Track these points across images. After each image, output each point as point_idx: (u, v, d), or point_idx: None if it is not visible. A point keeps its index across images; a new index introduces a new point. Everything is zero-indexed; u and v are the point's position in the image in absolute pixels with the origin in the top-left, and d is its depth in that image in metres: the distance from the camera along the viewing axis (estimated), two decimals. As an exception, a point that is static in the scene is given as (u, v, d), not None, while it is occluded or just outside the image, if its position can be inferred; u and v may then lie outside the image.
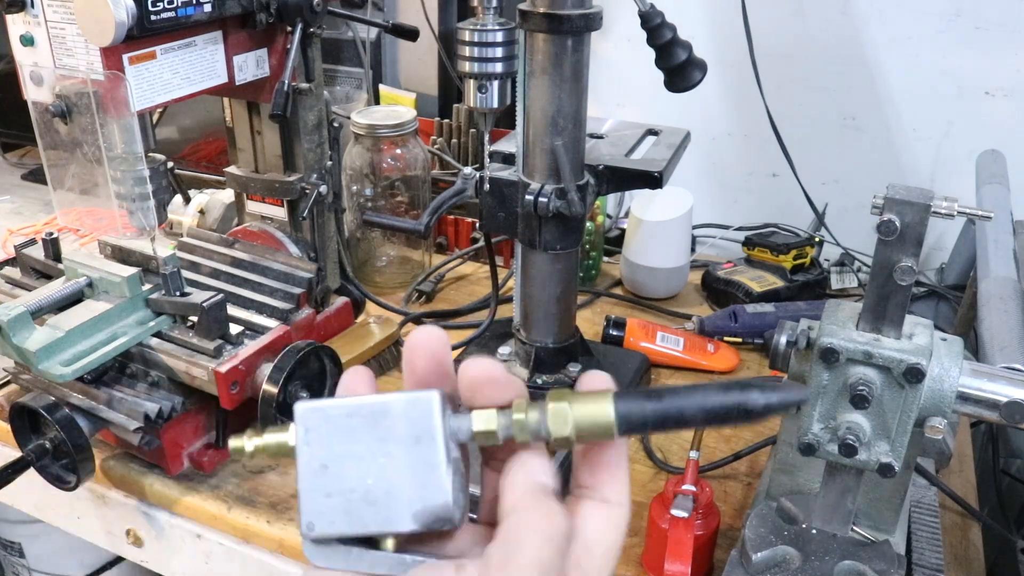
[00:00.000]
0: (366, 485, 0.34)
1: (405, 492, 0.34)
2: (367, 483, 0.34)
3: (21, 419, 0.82)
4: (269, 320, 0.89)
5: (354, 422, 0.35)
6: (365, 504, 0.34)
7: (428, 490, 0.34)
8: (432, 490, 0.34)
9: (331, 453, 0.35)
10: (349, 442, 0.35)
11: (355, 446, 0.34)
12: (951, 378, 0.62)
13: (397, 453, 0.34)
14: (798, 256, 1.29)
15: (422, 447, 0.34)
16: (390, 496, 0.34)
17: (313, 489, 0.35)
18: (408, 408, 0.35)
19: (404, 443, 0.34)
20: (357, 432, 0.35)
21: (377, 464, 0.34)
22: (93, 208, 0.92)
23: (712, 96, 1.47)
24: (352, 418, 0.35)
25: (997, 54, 1.29)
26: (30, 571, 1.45)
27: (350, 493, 0.34)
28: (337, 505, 0.34)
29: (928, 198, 0.58)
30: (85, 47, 0.79)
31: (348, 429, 0.35)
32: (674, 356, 1.10)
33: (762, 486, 0.80)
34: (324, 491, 0.34)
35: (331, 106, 1.05)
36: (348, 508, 0.34)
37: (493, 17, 0.80)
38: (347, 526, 0.34)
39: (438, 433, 0.34)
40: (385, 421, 0.34)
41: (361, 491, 0.34)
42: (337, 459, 0.35)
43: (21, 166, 1.78)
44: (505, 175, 0.91)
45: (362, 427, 0.35)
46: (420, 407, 0.35)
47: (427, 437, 0.34)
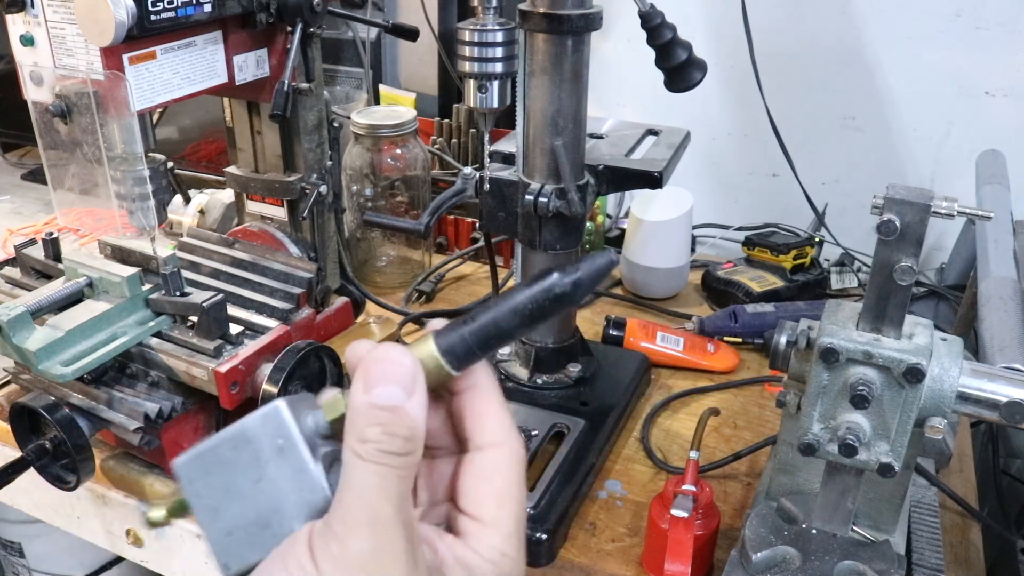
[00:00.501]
0: (257, 511, 0.35)
1: (289, 503, 0.35)
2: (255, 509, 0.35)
3: (21, 419, 0.82)
4: (269, 320, 0.89)
5: (223, 457, 0.35)
6: (261, 529, 0.35)
7: (306, 493, 0.35)
8: (309, 492, 0.35)
9: (216, 494, 0.35)
10: (226, 478, 0.35)
11: (232, 480, 0.35)
12: (951, 378, 0.62)
13: (269, 471, 0.35)
14: (798, 256, 1.29)
15: (287, 456, 0.35)
16: (279, 513, 0.35)
17: (215, 533, 0.36)
18: (262, 426, 0.35)
19: (271, 459, 0.35)
20: (229, 466, 0.35)
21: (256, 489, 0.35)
22: (93, 208, 0.92)
23: (712, 96, 1.47)
24: (219, 454, 0.36)
25: (997, 54, 1.29)
26: (30, 571, 1.45)
27: (246, 525, 0.35)
28: (240, 539, 0.35)
29: (928, 198, 0.58)
30: (85, 47, 0.79)
31: (221, 466, 0.35)
32: (674, 356, 1.10)
33: (762, 486, 0.80)
34: (224, 531, 0.35)
35: (331, 106, 1.05)
36: (249, 539, 0.35)
37: (493, 17, 0.80)
38: (256, 554, 0.35)
39: (296, 438, 0.35)
40: (248, 446, 0.35)
41: (253, 518, 0.35)
42: (222, 498, 0.35)
43: (21, 166, 1.78)
44: (505, 175, 0.91)
45: (231, 459, 0.35)
46: (272, 420, 0.35)
47: (288, 445, 0.35)
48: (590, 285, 0.35)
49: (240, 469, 0.35)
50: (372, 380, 0.34)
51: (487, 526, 0.37)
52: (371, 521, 0.33)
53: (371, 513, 0.33)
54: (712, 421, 0.98)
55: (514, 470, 0.38)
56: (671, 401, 1.04)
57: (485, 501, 0.38)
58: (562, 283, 0.35)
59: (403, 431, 0.34)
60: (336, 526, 0.33)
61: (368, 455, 0.33)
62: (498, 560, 0.37)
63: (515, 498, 0.38)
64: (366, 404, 0.34)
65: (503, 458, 0.38)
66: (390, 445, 0.34)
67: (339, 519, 0.33)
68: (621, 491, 0.90)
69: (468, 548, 0.37)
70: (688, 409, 1.03)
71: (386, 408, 0.34)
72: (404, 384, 0.35)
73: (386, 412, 0.34)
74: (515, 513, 0.38)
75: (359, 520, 0.33)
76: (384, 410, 0.34)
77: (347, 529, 0.33)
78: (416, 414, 0.35)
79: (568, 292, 0.35)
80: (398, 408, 0.34)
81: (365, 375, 0.35)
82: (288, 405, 0.36)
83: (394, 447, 0.34)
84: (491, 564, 0.37)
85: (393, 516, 0.33)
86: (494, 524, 0.37)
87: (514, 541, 0.37)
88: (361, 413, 0.34)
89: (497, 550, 0.37)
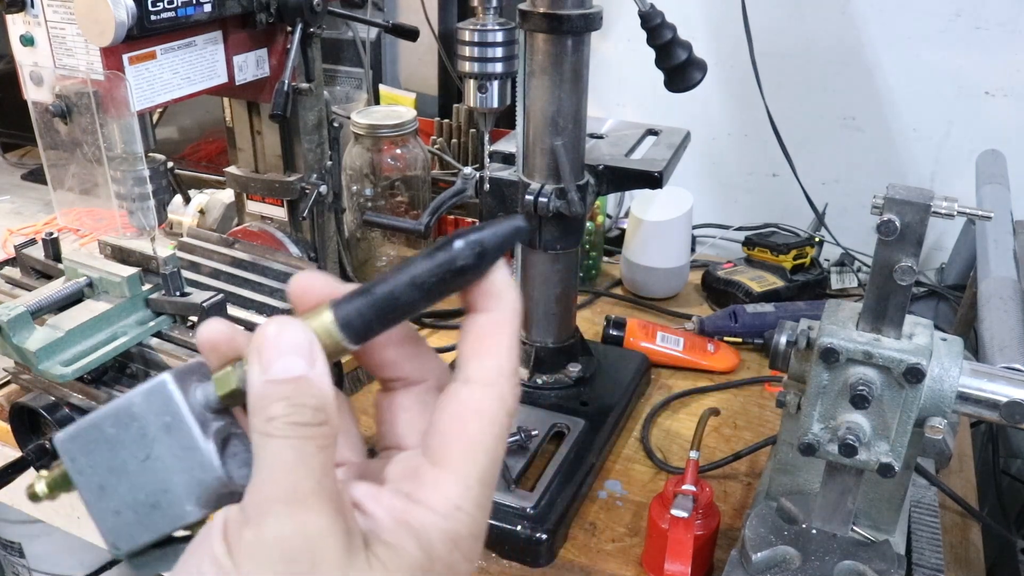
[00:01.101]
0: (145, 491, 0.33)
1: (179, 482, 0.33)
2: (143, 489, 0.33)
3: (21, 419, 0.82)
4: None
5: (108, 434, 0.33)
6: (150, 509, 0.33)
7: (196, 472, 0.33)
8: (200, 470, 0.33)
9: (101, 473, 0.34)
10: (111, 455, 0.33)
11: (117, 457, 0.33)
12: (951, 378, 0.62)
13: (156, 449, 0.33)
14: (798, 256, 1.29)
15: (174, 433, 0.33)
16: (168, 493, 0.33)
17: (102, 512, 0.34)
18: (147, 402, 0.33)
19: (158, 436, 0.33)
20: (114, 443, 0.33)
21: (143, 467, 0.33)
22: (93, 208, 0.92)
23: (712, 96, 1.47)
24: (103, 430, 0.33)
25: (997, 54, 1.29)
26: (30, 571, 1.45)
27: (134, 504, 0.33)
28: (129, 519, 0.33)
29: (928, 198, 0.58)
30: (85, 47, 0.79)
31: (106, 443, 0.33)
32: (674, 356, 1.10)
33: (762, 486, 0.80)
34: (112, 510, 0.34)
35: (331, 106, 1.05)
36: (139, 519, 0.33)
37: (493, 17, 0.80)
38: (146, 535, 0.33)
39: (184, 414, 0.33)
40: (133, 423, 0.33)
41: (142, 498, 0.33)
42: (108, 476, 0.34)
43: (21, 166, 1.78)
44: (505, 175, 0.91)
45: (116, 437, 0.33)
46: (157, 396, 0.33)
47: (176, 422, 0.33)
48: (495, 254, 0.32)
49: (125, 447, 0.33)
50: (268, 357, 0.31)
51: (445, 472, 0.32)
52: (287, 498, 0.30)
53: (287, 489, 0.30)
54: (712, 421, 0.98)
55: (497, 419, 0.33)
56: (671, 401, 1.04)
57: (451, 444, 0.32)
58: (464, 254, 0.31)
59: (311, 400, 0.31)
60: (249, 510, 0.30)
61: (277, 430, 0.30)
62: (450, 513, 0.32)
63: (487, 450, 0.33)
64: (265, 382, 0.31)
65: (487, 401, 0.33)
66: (299, 416, 0.31)
67: (252, 502, 0.30)
68: (621, 491, 0.90)
69: (414, 504, 0.32)
70: (688, 409, 1.03)
71: (287, 381, 0.31)
72: (302, 354, 0.31)
73: (288, 385, 0.31)
74: (483, 466, 0.32)
75: (273, 499, 0.30)
76: (285, 383, 0.31)
77: (261, 512, 0.30)
78: (322, 382, 0.31)
79: (472, 264, 0.31)
80: (300, 378, 0.31)
81: (259, 353, 0.31)
82: (175, 378, 0.33)
83: (304, 418, 0.31)
84: (440, 518, 0.32)
85: (314, 489, 0.30)
86: (454, 472, 0.32)
87: (473, 497, 0.32)
88: (262, 394, 0.31)
89: (451, 502, 0.32)
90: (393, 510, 0.32)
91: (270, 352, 0.31)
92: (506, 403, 0.33)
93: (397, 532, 0.31)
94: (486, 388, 0.33)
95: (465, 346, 0.34)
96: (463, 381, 0.33)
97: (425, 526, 0.31)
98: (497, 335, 0.34)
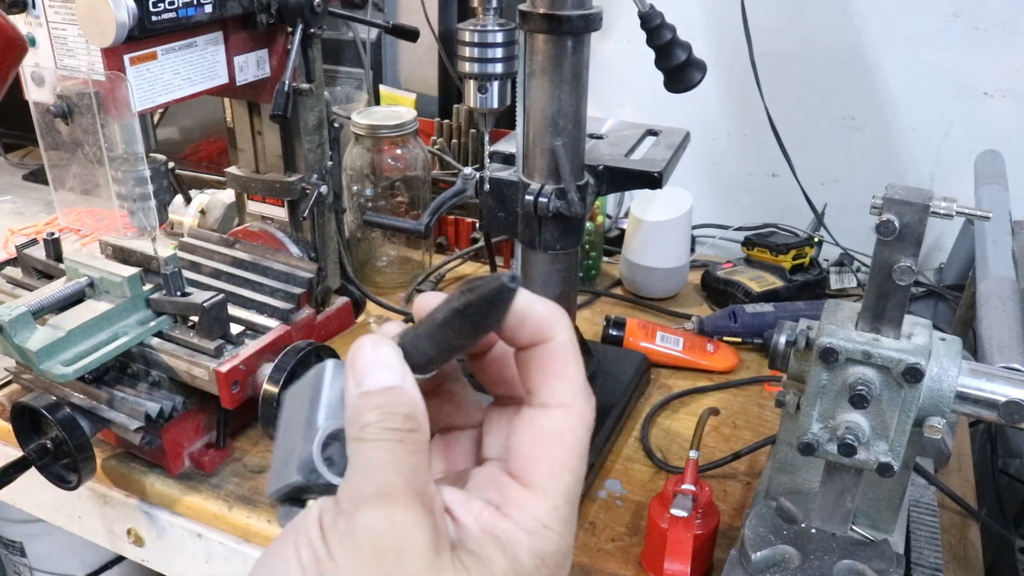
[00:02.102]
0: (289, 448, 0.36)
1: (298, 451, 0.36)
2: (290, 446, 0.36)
3: (22, 419, 0.82)
4: (270, 320, 0.90)
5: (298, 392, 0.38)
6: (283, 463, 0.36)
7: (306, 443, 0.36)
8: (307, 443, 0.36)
9: (285, 421, 0.38)
10: (292, 410, 0.38)
11: (293, 413, 0.37)
12: (950, 378, 0.62)
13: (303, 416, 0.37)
14: (797, 256, 1.29)
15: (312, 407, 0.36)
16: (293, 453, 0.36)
17: (274, 452, 0.38)
18: (315, 375, 0.37)
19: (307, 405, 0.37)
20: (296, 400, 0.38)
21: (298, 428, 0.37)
22: (94, 208, 0.92)
23: (712, 96, 1.48)
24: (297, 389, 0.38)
25: (996, 54, 1.29)
26: (31, 570, 1.45)
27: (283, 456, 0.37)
28: (278, 467, 0.37)
29: (927, 198, 0.58)
30: (86, 48, 0.79)
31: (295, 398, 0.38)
32: (674, 356, 1.10)
33: (761, 485, 0.80)
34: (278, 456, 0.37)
35: (331, 106, 1.05)
36: (278, 468, 0.37)
37: (493, 17, 0.80)
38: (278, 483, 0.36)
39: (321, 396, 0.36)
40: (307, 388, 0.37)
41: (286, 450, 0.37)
42: (285, 425, 0.38)
43: (22, 166, 1.78)
44: (505, 175, 0.91)
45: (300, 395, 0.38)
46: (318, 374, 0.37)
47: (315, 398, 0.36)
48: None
49: (298, 406, 0.37)
50: (360, 372, 0.34)
51: (532, 492, 0.34)
52: (379, 493, 0.31)
53: (379, 485, 0.31)
54: (712, 421, 0.98)
55: (579, 438, 0.35)
56: (671, 401, 1.04)
57: (536, 465, 0.34)
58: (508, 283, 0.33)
59: (402, 408, 0.33)
60: (344, 502, 0.32)
61: (370, 435, 0.33)
62: (537, 531, 0.33)
63: (572, 469, 0.35)
64: (359, 395, 0.34)
65: (568, 421, 0.35)
66: (391, 422, 0.33)
67: (347, 496, 0.32)
68: (621, 491, 0.90)
69: (502, 517, 0.33)
70: (688, 409, 1.04)
71: (379, 391, 0.33)
72: (392, 368, 0.34)
73: (380, 395, 0.33)
74: (568, 485, 0.34)
75: (366, 493, 0.31)
76: (377, 394, 0.33)
77: (354, 504, 0.31)
78: (413, 392, 0.34)
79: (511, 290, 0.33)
80: (392, 388, 0.33)
81: (352, 369, 0.34)
82: (334, 368, 0.37)
83: (395, 423, 0.33)
84: (528, 535, 0.33)
85: (404, 487, 0.31)
86: (542, 491, 0.34)
87: (560, 516, 0.34)
88: (357, 405, 0.34)
89: (538, 520, 0.33)
90: (481, 520, 0.34)
91: (362, 367, 0.34)
92: (584, 419, 0.35)
93: (485, 542, 0.33)
94: (563, 410, 0.35)
95: (533, 377, 0.36)
96: (539, 406, 0.35)
97: (512, 541, 0.33)
98: (563, 360, 0.36)
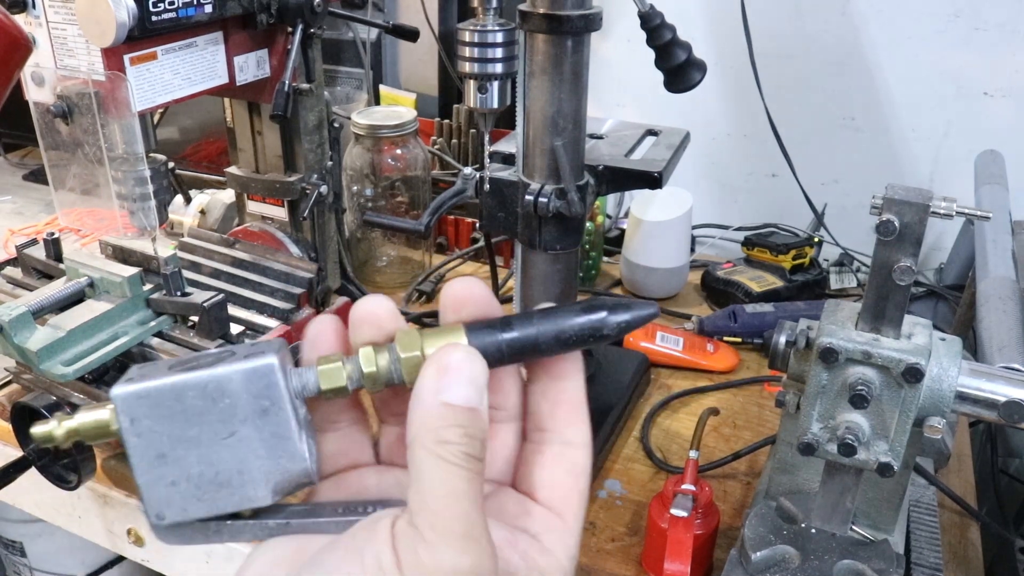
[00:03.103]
0: (214, 468, 0.32)
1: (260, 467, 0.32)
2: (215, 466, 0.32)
3: (22, 419, 0.82)
4: (270, 320, 0.90)
5: (188, 404, 0.32)
6: (216, 487, 0.32)
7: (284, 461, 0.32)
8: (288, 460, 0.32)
9: (166, 441, 0.32)
10: (185, 426, 0.32)
11: (193, 430, 0.32)
12: (950, 378, 0.62)
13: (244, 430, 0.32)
14: (797, 256, 1.29)
15: (270, 418, 0.32)
16: (243, 474, 0.32)
17: (154, 481, 0.32)
18: (248, 381, 0.32)
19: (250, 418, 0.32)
20: (193, 415, 0.32)
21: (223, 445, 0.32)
22: (94, 208, 0.92)
23: (712, 96, 1.48)
24: (183, 399, 0.32)
25: (996, 55, 1.29)
26: (31, 570, 1.45)
27: (198, 479, 0.32)
28: (186, 492, 0.32)
29: (927, 198, 0.58)
30: (86, 48, 0.79)
31: (182, 413, 0.32)
32: (674, 356, 1.10)
33: (761, 485, 0.80)
34: (167, 480, 0.32)
35: (331, 106, 1.05)
36: (198, 493, 0.32)
37: (493, 17, 0.80)
38: (202, 511, 0.32)
39: (284, 402, 0.32)
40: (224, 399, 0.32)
41: (210, 474, 0.32)
42: (174, 446, 0.32)
43: (23, 166, 1.78)
44: (505, 175, 0.91)
45: (198, 409, 0.32)
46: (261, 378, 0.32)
47: (274, 407, 0.32)
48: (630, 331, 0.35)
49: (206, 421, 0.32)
50: (450, 380, 0.32)
51: (567, 525, 0.36)
52: (466, 533, 0.30)
53: (464, 524, 0.30)
54: (711, 421, 0.98)
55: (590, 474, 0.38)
56: (671, 401, 1.04)
57: (570, 499, 0.37)
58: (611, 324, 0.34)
59: (480, 434, 0.32)
60: (425, 531, 0.30)
61: (453, 457, 0.31)
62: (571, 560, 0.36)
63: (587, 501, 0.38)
64: (442, 404, 0.31)
65: (587, 460, 0.38)
66: (472, 448, 0.31)
67: (427, 524, 0.30)
68: (621, 490, 0.90)
69: (544, 552, 0.35)
70: (688, 409, 1.04)
71: (465, 410, 0.32)
72: (478, 386, 0.32)
73: (466, 414, 0.31)
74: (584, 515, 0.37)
75: (454, 530, 0.30)
76: (463, 411, 0.32)
77: (439, 537, 0.30)
78: (487, 417, 0.33)
79: (611, 334, 0.34)
80: (476, 410, 0.32)
81: (441, 372, 0.32)
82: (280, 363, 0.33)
83: (475, 451, 0.31)
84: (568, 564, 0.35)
85: (484, 528, 0.31)
86: (575, 524, 0.36)
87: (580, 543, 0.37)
88: (438, 414, 0.31)
89: (571, 551, 0.36)
90: (528, 558, 0.35)
91: (453, 376, 0.32)
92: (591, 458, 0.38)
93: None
94: (586, 450, 0.37)
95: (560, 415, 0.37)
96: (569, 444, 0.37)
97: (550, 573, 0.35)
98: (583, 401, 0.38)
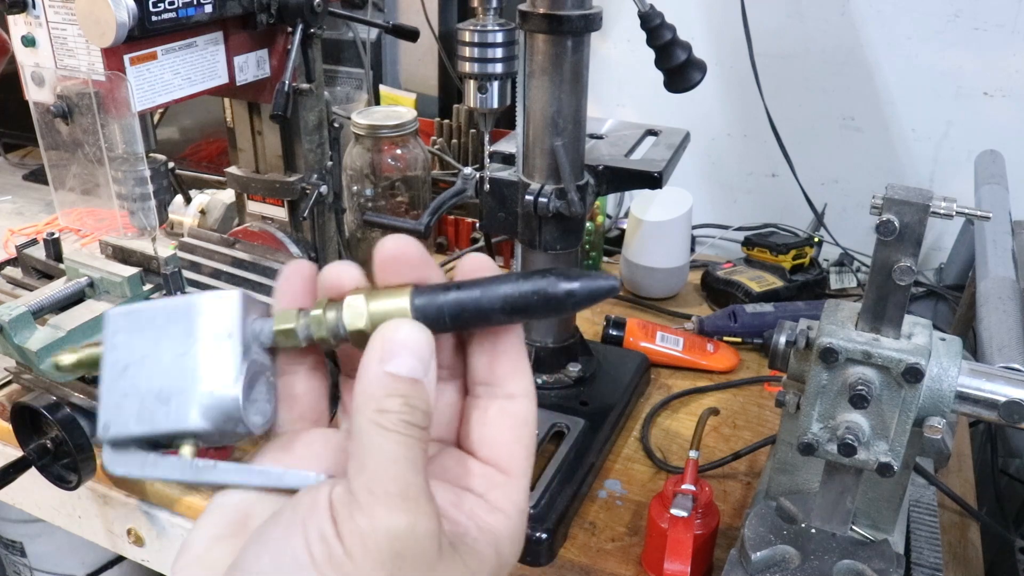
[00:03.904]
0: (162, 384, 0.33)
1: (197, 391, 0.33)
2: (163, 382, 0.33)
3: (22, 419, 0.82)
4: (270, 320, 0.90)
5: (159, 322, 0.34)
6: (158, 403, 0.33)
7: (219, 389, 0.33)
8: (223, 387, 0.33)
9: (133, 354, 0.34)
10: (152, 343, 0.34)
11: (157, 346, 0.34)
12: (950, 378, 0.62)
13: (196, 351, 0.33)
14: (797, 256, 1.29)
15: (220, 345, 0.33)
16: (183, 394, 0.33)
17: (112, 391, 0.34)
18: (211, 306, 0.34)
19: (204, 341, 0.33)
20: (161, 332, 0.34)
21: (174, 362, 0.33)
22: (94, 208, 0.92)
23: (712, 96, 1.48)
24: (158, 319, 0.34)
25: (996, 55, 1.29)
26: (31, 570, 1.45)
27: (146, 392, 0.33)
28: (132, 405, 0.33)
29: (927, 198, 0.58)
30: (86, 48, 0.79)
31: (153, 329, 0.34)
32: (674, 356, 1.10)
33: (761, 485, 0.80)
34: (122, 392, 0.34)
35: (331, 106, 1.05)
36: (142, 409, 0.33)
37: (493, 17, 0.80)
38: (139, 426, 0.33)
39: (236, 331, 0.33)
40: (188, 320, 0.34)
41: (156, 390, 0.33)
42: (138, 360, 0.34)
43: (23, 166, 1.78)
44: (505, 175, 0.91)
45: (166, 327, 0.34)
46: (223, 305, 0.34)
47: (225, 335, 0.33)
48: (583, 301, 0.34)
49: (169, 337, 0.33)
50: (391, 350, 0.33)
51: (513, 478, 0.36)
52: (402, 495, 0.31)
53: (401, 486, 0.31)
54: (712, 421, 0.98)
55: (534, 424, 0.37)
56: (671, 401, 1.04)
57: (515, 452, 0.36)
58: (556, 288, 0.33)
59: (422, 404, 0.32)
60: (360, 495, 0.31)
61: (392, 425, 0.31)
62: (516, 515, 0.35)
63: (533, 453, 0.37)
64: (385, 373, 0.32)
65: (532, 411, 0.37)
66: (412, 417, 0.32)
67: (363, 488, 0.31)
68: (621, 491, 0.90)
69: (492, 510, 0.35)
70: (688, 409, 1.04)
71: (407, 380, 0.32)
72: (423, 358, 0.33)
73: (406, 384, 0.32)
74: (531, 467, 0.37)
75: (389, 491, 0.30)
76: (404, 382, 0.32)
77: (375, 499, 0.30)
78: (432, 389, 0.33)
79: (559, 299, 0.33)
80: (419, 382, 0.32)
81: (384, 343, 0.33)
82: (243, 300, 0.34)
83: (415, 419, 0.32)
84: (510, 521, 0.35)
85: (423, 490, 0.31)
86: (522, 477, 0.36)
87: (527, 496, 0.36)
88: (381, 383, 0.32)
89: (519, 506, 0.36)
90: (475, 517, 0.34)
91: (395, 346, 0.33)
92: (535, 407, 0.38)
93: (481, 539, 0.34)
94: (528, 400, 0.37)
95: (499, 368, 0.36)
96: (511, 396, 0.37)
97: (500, 532, 0.34)
98: (522, 351, 0.37)
